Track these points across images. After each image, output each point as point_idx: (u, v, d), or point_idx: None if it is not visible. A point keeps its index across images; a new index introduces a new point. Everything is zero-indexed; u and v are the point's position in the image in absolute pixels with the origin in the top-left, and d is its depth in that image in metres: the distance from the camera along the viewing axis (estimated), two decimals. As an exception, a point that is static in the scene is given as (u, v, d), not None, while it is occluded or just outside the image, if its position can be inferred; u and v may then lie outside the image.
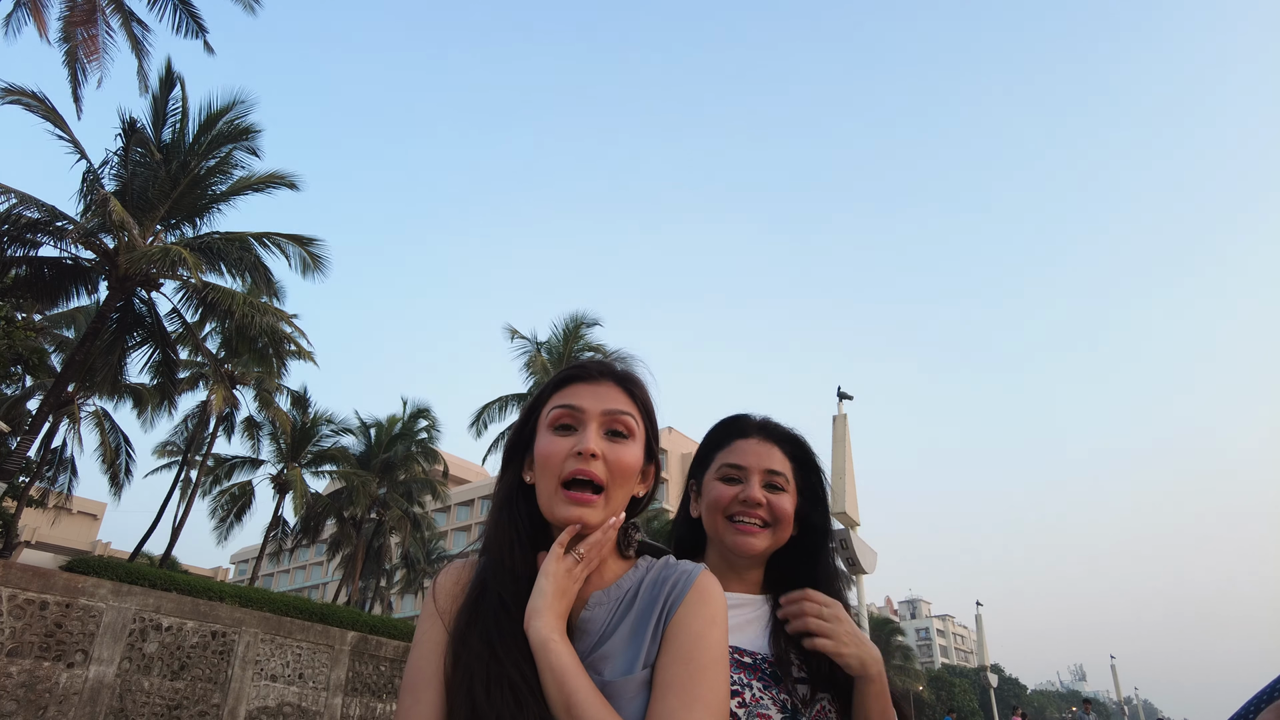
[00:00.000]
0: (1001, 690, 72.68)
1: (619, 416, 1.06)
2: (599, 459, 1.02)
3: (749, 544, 1.33)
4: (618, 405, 1.07)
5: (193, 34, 14.29)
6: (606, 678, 0.93)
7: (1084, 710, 16.29)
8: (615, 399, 1.08)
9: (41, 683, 8.36)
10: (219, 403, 19.27)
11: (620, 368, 1.15)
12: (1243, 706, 0.93)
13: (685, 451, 57.48)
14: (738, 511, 1.35)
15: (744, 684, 1.22)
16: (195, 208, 15.15)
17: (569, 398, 1.08)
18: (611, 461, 1.03)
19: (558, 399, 1.09)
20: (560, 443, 1.04)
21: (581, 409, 1.06)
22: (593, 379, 1.10)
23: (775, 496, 1.37)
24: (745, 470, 1.38)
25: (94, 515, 37.32)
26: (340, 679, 11.71)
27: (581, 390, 1.08)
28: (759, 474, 1.38)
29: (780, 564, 1.42)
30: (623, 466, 1.03)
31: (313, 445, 26.12)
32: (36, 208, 13.22)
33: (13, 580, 8.36)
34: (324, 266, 16.22)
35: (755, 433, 1.44)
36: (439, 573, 1.12)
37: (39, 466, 21.17)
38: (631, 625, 1.00)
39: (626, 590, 1.04)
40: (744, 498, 1.35)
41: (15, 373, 16.47)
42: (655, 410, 1.15)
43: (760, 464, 1.39)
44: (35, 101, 13.06)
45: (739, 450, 1.42)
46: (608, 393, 1.08)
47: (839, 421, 10.01)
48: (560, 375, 1.13)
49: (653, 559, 1.12)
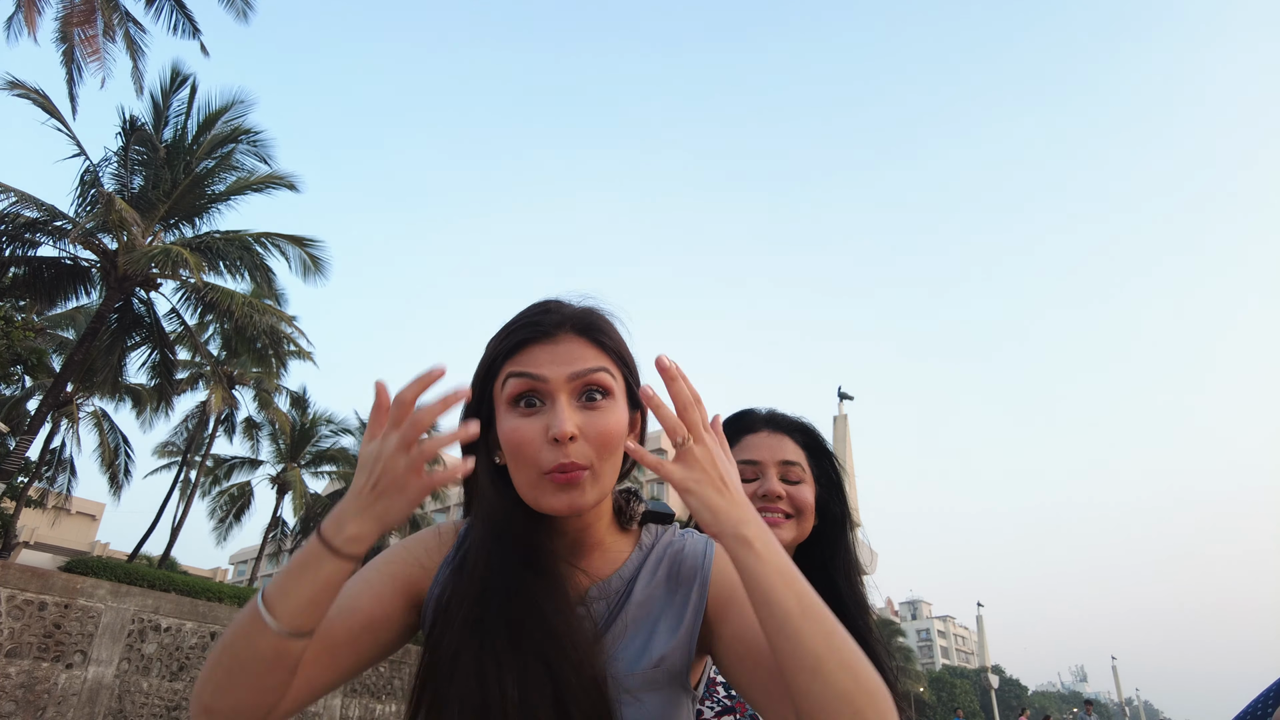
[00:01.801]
0: (1002, 691, 72.56)
1: (591, 376, 0.87)
2: (577, 439, 0.84)
3: (776, 535, 1.28)
4: (587, 363, 0.87)
5: (189, 35, 14.28)
6: (610, 673, 0.85)
7: (1085, 711, 16.28)
8: (582, 355, 0.88)
9: (40, 683, 8.34)
10: (218, 403, 19.26)
11: (579, 307, 0.93)
12: (1250, 704, 0.91)
13: (685, 452, 57.32)
14: (760, 507, 1.30)
15: None
16: (195, 207, 15.13)
17: (526, 364, 0.87)
18: (593, 436, 0.85)
19: (512, 366, 0.88)
20: (528, 426, 0.85)
21: (544, 378, 0.86)
22: (549, 335, 0.89)
23: (794, 488, 1.34)
24: (760, 465, 1.35)
25: (93, 516, 37.25)
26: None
27: (539, 353, 0.88)
28: (774, 467, 1.35)
29: (801, 558, 1.37)
30: (607, 437, 0.86)
31: (312, 445, 26.10)
32: (36, 207, 13.21)
33: (11, 581, 8.34)
34: (324, 268, 16.18)
35: (764, 426, 1.41)
36: (423, 530, 1.00)
37: (38, 467, 21.14)
38: (638, 615, 0.91)
39: (627, 580, 0.93)
40: (763, 492, 1.31)
41: (14, 373, 16.47)
42: (628, 347, 0.95)
43: (774, 456, 1.35)
44: (39, 98, 13.06)
45: (750, 445, 1.38)
46: (571, 350, 0.88)
47: (839, 422, 10.01)
48: (508, 335, 0.91)
49: (656, 528, 1.00)
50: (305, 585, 0.74)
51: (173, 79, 14.65)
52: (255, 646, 0.74)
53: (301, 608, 0.74)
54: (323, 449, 26.44)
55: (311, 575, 0.74)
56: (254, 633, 0.74)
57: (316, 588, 0.74)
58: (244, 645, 0.74)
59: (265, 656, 0.74)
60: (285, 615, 0.74)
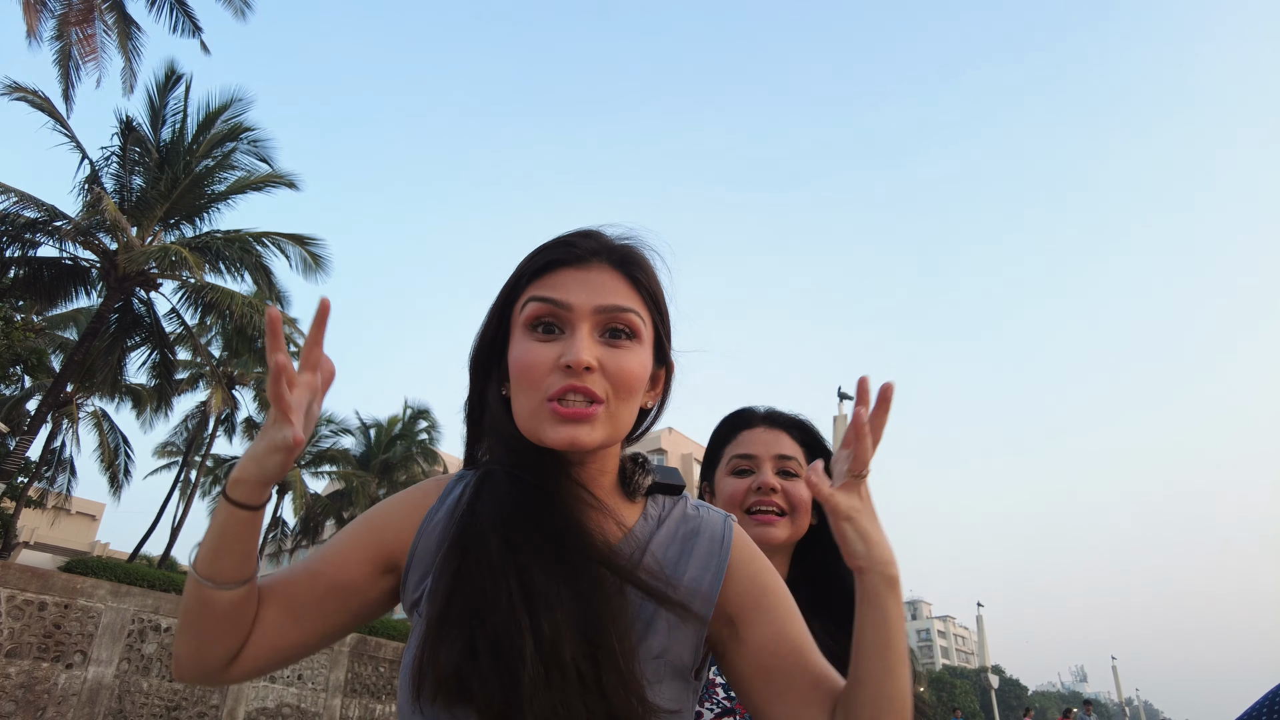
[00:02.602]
0: (1002, 691, 72.57)
1: (620, 315, 0.79)
2: (594, 372, 0.77)
3: (769, 534, 1.28)
4: (617, 299, 0.80)
5: (189, 33, 14.25)
6: None
7: (1085, 711, 16.28)
8: (613, 289, 0.81)
9: (40, 684, 8.34)
10: (218, 403, 19.26)
11: (619, 242, 0.86)
12: (1256, 704, 0.90)
13: (685, 452, 57.45)
14: (754, 502, 1.31)
15: None
16: (194, 207, 15.12)
17: (550, 289, 0.80)
18: (612, 371, 0.78)
19: (536, 289, 0.81)
20: (540, 350, 0.78)
21: (568, 304, 0.79)
22: (582, 261, 0.81)
23: (789, 483, 1.33)
24: (756, 459, 1.35)
25: (93, 516, 37.25)
26: (339, 680, 11.69)
27: (567, 278, 0.80)
28: (770, 461, 1.34)
29: (803, 556, 1.36)
30: (626, 377, 0.78)
31: (312, 446, 26.10)
32: (35, 207, 13.20)
33: (11, 581, 8.34)
34: (325, 267, 16.17)
35: (761, 422, 1.41)
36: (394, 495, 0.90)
37: (38, 467, 21.15)
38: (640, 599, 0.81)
39: (631, 553, 0.81)
40: (758, 485, 1.31)
41: (14, 373, 16.46)
42: (664, 294, 0.87)
43: (770, 451, 1.35)
44: (38, 99, 13.05)
45: (746, 440, 1.38)
46: (603, 280, 0.81)
47: (839, 422, 10.01)
48: (539, 254, 0.84)
49: (666, 499, 0.90)
50: (210, 535, 0.78)
51: (168, 77, 14.61)
52: (190, 598, 0.78)
53: (208, 556, 0.77)
54: (323, 449, 26.47)
55: (214, 524, 0.78)
56: (189, 585, 0.79)
57: (215, 535, 0.77)
58: (186, 598, 0.79)
59: (197, 606, 0.78)
60: (199, 564, 0.78)
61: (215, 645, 0.79)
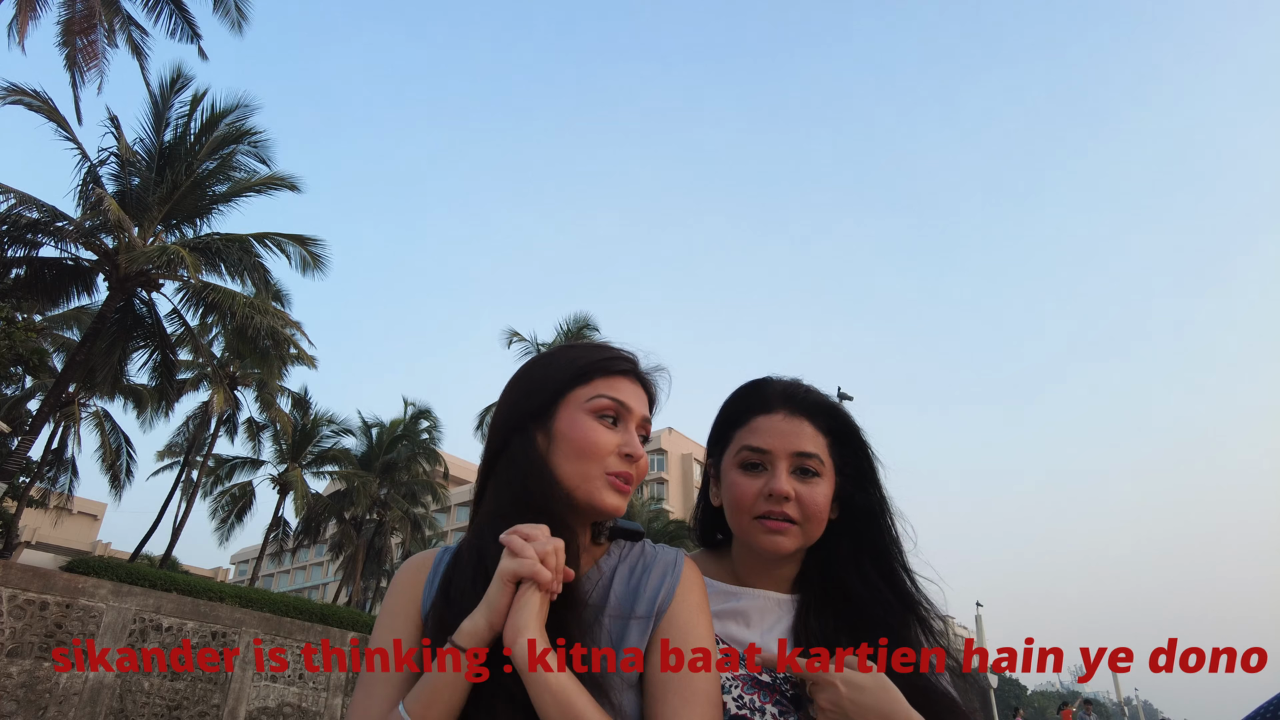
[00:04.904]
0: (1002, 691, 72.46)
1: (646, 424, 1.04)
2: (640, 460, 1.00)
3: (777, 543, 1.10)
4: (644, 411, 1.05)
5: (188, 39, 14.30)
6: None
7: (1085, 711, 16.26)
8: (645, 403, 1.06)
9: (42, 683, 8.35)
10: (219, 404, 19.28)
11: (647, 367, 1.10)
12: (1262, 707, 0.90)
13: (685, 452, 57.39)
14: (762, 511, 1.11)
15: (756, 708, 1.03)
16: (196, 209, 15.15)
17: (614, 390, 1.01)
18: (642, 466, 1.01)
19: (600, 388, 1.01)
20: (608, 436, 0.98)
21: (629, 407, 1.01)
22: (631, 375, 1.05)
23: (806, 486, 1.11)
24: (769, 454, 1.12)
25: (94, 516, 37.27)
26: (340, 679, 11.70)
27: (624, 387, 1.02)
28: (786, 459, 1.12)
29: (817, 556, 1.18)
30: (641, 468, 1.01)
31: (314, 446, 26.12)
32: (37, 208, 13.22)
33: (13, 580, 8.36)
34: (324, 264, 16.22)
35: (780, 405, 1.16)
36: (398, 570, 1.03)
37: (40, 467, 21.17)
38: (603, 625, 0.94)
39: (588, 592, 0.95)
40: (769, 491, 1.10)
41: (16, 373, 16.48)
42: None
43: (787, 446, 1.12)
44: (38, 101, 13.07)
45: (761, 430, 1.15)
46: (642, 395, 1.05)
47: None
48: (602, 362, 1.04)
49: (626, 543, 1.05)
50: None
51: (173, 82, 14.69)
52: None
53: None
54: (324, 449, 26.47)
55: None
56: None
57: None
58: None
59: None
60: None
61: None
